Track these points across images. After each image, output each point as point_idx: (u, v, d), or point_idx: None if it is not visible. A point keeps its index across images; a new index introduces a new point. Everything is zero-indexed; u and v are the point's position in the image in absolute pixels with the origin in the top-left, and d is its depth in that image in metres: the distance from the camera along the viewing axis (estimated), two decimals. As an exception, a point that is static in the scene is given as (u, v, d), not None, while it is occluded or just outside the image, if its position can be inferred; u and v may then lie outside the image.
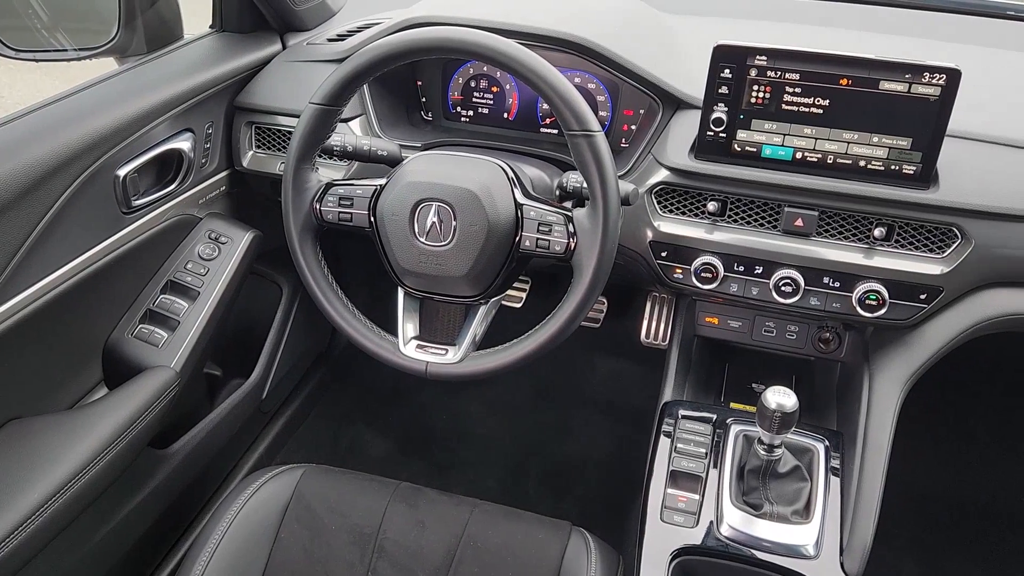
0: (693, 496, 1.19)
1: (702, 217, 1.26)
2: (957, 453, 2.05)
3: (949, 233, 1.17)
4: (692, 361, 1.49)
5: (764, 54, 1.15)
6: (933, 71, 1.09)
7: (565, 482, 2.00)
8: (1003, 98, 1.32)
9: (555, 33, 1.28)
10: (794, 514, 1.15)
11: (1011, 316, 1.19)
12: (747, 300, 1.26)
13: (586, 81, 1.42)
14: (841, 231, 1.21)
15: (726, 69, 1.17)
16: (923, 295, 1.18)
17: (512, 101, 1.49)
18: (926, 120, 1.12)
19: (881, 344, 1.28)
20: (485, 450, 2.08)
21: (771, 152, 1.20)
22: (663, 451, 1.25)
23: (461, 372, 1.14)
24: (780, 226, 1.22)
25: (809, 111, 1.16)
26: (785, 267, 1.22)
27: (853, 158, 1.17)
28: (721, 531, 1.14)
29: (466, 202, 1.09)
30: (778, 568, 1.12)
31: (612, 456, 2.06)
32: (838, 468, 1.22)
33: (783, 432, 1.10)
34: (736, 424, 1.26)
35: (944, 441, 2.05)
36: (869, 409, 1.24)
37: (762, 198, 1.22)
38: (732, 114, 1.19)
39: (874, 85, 1.12)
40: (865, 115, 1.14)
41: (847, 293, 1.21)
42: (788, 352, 1.45)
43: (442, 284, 1.15)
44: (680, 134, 1.27)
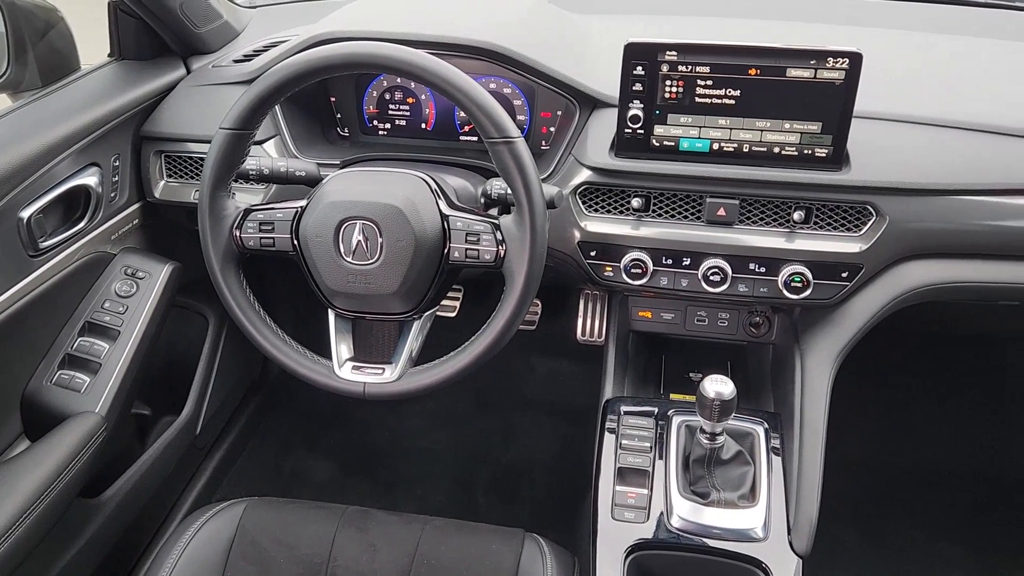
0: (642, 491, 1.19)
1: (627, 214, 1.27)
2: (890, 422, 2.12)
3: (864, 211, 1.21)
4: (629, 356, 1.50)
5: (674, 49, 1.17)
6: (836, 56, 1.13)
7: (514, 488, 2.00)
8: (906, 77, 1.37)
9: (466, 41, 1.27)
10: (741, 499, 1.17)
11: (929, 287, 1.24)
12: (678, 292, 1.28)
13: (501, 87, 1.42)
14: (762, 217, 1.23)
15: (638, 66, 1.18)
16: (845, 273, 1.21)
17: (429, 111, 1.47)
18: (833, 104, 1.15)
19: (809, 324, 1.31)
20: (431, 464, 2.06)
21: (689, 145, 1.22)
22: (609, 449, 1.26)
23: (400, 390, 1.12)
24: (704, 217, 1.24)
25: (722, 102, 1.18)
26: (712, 257, 1.24)
27: (768, 145, 1.20)
28: (672, 523, 1.15)
29: (391, 218, 1.08)
30: (730, 554, 1.13)
31: (558, 457, 2.07)
32: (779, 448, 1.25)
33: (723, 419, 1.11)
34: (677, 415, 1.28)
35: (877, 411, 2.12)
36: (803, 388, 1.27)
37: (684, 191, 1.24)
38: (648, 110, 1.21)
39: (781, 73, 1.15)
40: (775, 103, 1.17)
41: (773, 277, 1.23)
42: (721, 339, 1.47)
43: (373, 302, 1.13)
44: (599, 133, 1.28)
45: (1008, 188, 1.19)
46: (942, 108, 1.27)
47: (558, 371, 2.24)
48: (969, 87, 1.35)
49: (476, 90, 1.04)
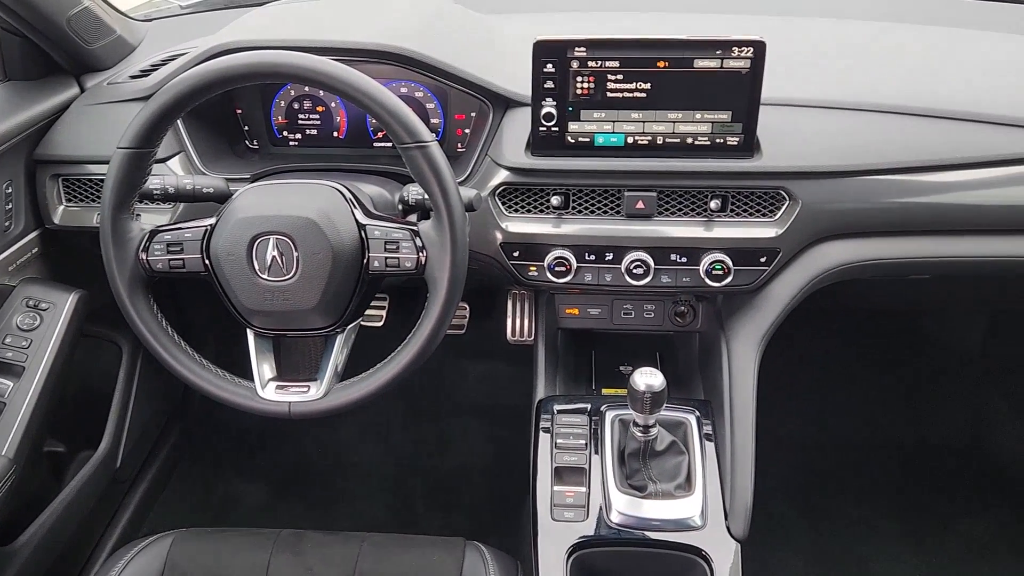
0: (580, 489, 1.19)
1: (547, 212, 1.26)
2: (817, 399, 2.18)
3: (778, 196, 1.23)
4: (559, 354, 1.50)
5: (583, 45, 1.16)
6: (741, 45, 1.14)
7: (453, 495, 1.98)
8: (813, 63, 1.40)
9: (372, 45, 1.25)
10: (677, 488, 1.18)
11: (844, 266, 1.27)
12: (603, 287, 1.28)
13: (413, 90, 1.40)
14: (680, 208, 1.24)
15: (548, 64, 1.18)
16: (763, 258, 1.24)
17: (340, 119, 1.44)
18: (741, 92, 1.17)
19: (733, 310, 1.33)
20: (366, 478, 2.02)
21: (604, 140, 1.22)
22: (544, 449, 1.25)
23: (327, 407, 1.09)
24: (623, 211, 1.24)
25: (633, 96, 1.19)
26: (634, 250, 1.24)
27: (681, 136, 1.21)
28: (611, 519, 1.15)
29: (306, 231, 1.05)
30: (670, 544, 1.14)
31: (496, 460, 2.06)
32: (711, 435, 1.26)
33: (655, 411, 1.12)
34: (610, 410, 1.28)
35: (804, 390, 2.18)
36: (731, 373, 1.29)
37: (602, 186, 1.24)
38: (561, 107, 1.20)
39: (689, 64, 1.16)
40: (686, 94, 1.18)
41: (694, 266, 1.24)
42: (649, 331, 1.48)
43: (293, 319, 1.09)
44: (514, 133, 1.27)
45: (912, 166, 1.23)
46: (847, 91, 1.30)
47: (490, 373, 2.23)
48: (873, 70, 1.39)
49: (385, 95, 1.01)
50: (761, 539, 1.81)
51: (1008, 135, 1.24)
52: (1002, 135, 1.24)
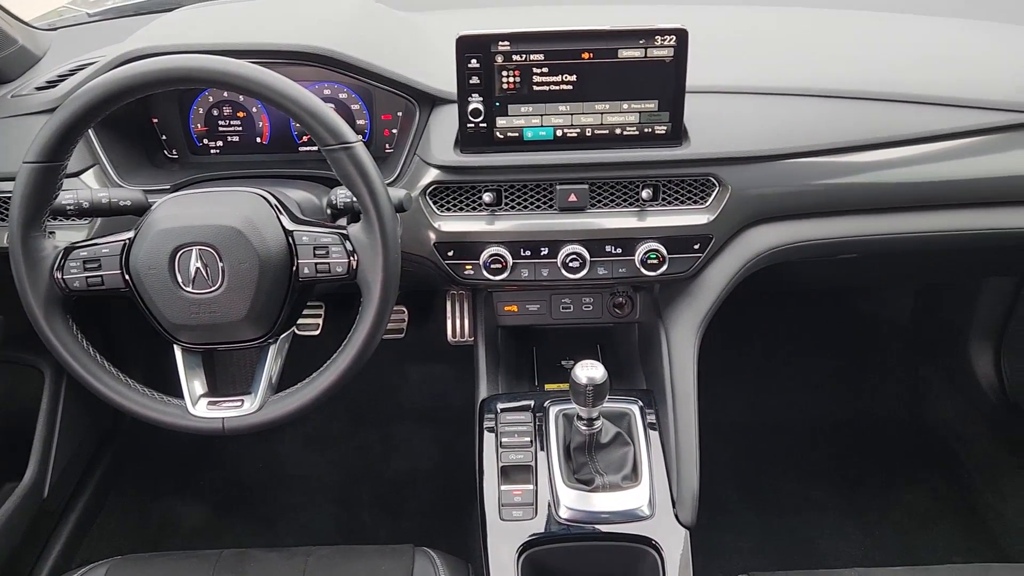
0: (527, 487, 1.18)
1: (480, 210, 1.25)
2: (757, 381, 2.22)
3: (708, 183, 1.24)
4: (500, 352, 1.48)
5: (506, 39, 1.15)
6: (664, 33, 1.14)
7: (400, 501, 1.95)
8: (736, 50, 1.42)
9: (290, 46, 1.21)
10: (624, 479, 1.17)
11: (775, 249, 1.28)
12: (540, 282, 1.27)
13: (336, 92, 1.37)
14: (613, 199, 1.24)
15: (472, 59, 1.16)
16: (696, 245, 1.24)
17: (263, 124, 1.40)
18: (666, 81, 1.17)
19: (670, 298, 1.33)
20: (311, 490, 1.98)
21: (533, 134, 1.21)
22: (489, 449, 1.24)
23: (262, 421, 1.05)
24: (556, 204, 1.24)
25: (560, 88, 1.18)
26: (569, 243, 1.24)
27: (609, 127, 1.21)
28: (560, 515, 1.14)
29: (230, 240, 1.01)
30: (619, 536, 1.14)
31: (442, 463, 2.04)
32: (655, 424, 1.26)
33: (598, 403, 1.11)
34: (554, 405, 1.27)
35: (743, 373, 2.21)
36: (671, 361, 1.29)
37: (534, 180, 1.23)
38: (488, 103, 1.19)
39: (613, 55, 1.16)
40: (612, 84, 1.18)
41: (629, 257, 1.24)
42: (588, 324, 1.48)
43: (222, 331, 1.06)
44: (442, 131, 1.25)
45: (836, 147, 1.25)
46: (772, 77, 1.32)
47: (433, 376, 2.20)
48: (795, 54, 1.42)
49: (305, 97, 0.98)
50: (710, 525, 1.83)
51: (925, 113, 1.27)
52: (921, 114, 1.28)
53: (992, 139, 1.28)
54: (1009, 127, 1.28)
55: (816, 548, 1.82)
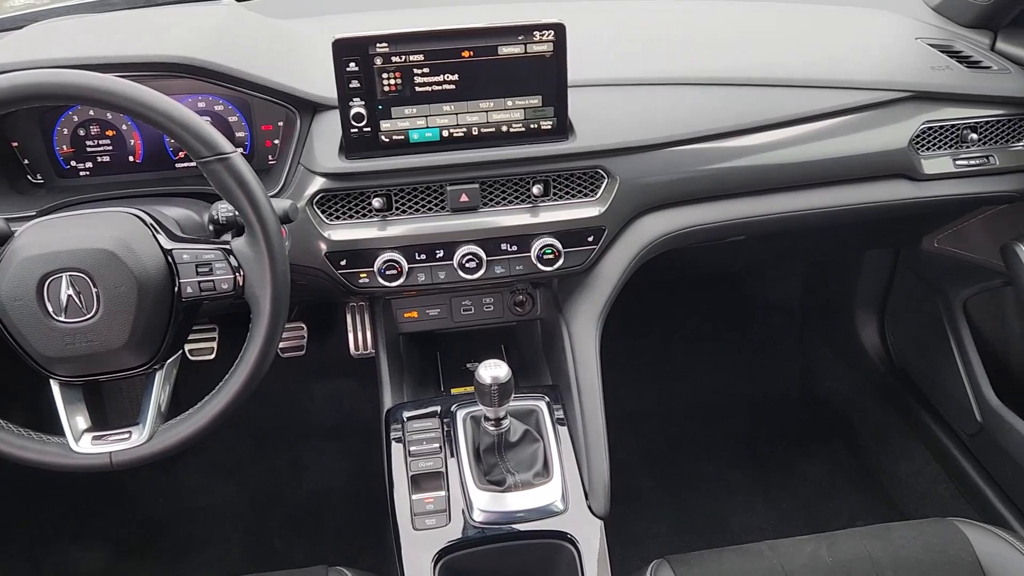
0: (439, 493, 1.16)
1: (371, 216, 1.22)
2: (661, 367, 2.26)
3: (596, 175, 1.25)
4: (403, 360, 1.46)
5: (384, 41, 1.13)
6: (542, 29, 1.15)
7: (314, 523, 1.90)
8: (617, 43, 1.44)
9: (158, 58, 1.16)
10: (536, 476, 1.17)
11: (667, 236, 1.31)
12: (438, 286, 1.26)
13: (211, 104, 1.32)
14: (504, 197, 1.24)
15: (351, 63, 1.14)
16: (590, 237, 1.25)
17: (135, 142, 1.33)
18: (548, 76, 1.18)
19: (568, 292, 1.34)
20: (219, 521, 1.90)
21: (419, 136, 1.20)
22: (398, 459, 1.21)
23: (153, 451, 1.00)
24: (448, 206, 1.22)
25: (443, 88, 1.17)
26: (464, 244, 1.23)
27: (495, 125, 1.20)
28: (475, 518, 1.13)
29: (103, 263, 0.95)
30: (535, 533, 1.13)
31: (355, 479, 1.99)
32: (563, 418, 1.27)
33: (504, 402, 1.10)
34: (461, 409, 1.26)
35: (647, 360, 2.25)
36: (574, 355, 1.30)
37: (423, 183, 1.22)
38: (370, 106, 1.17)
39: (494, 52, 1.15)
40: (494, 82, 1.18)
41: (526, 253, 1.24)
42: (490, 324, 1.47)
43: (102, 361, 1.00)
44: (325, 138, 1.22)
45: (717, 133, 1.29)
46: (654, 68, 1.35)
47: (338, 391, 2.16)
48: (676, 45, 1.45)
49: (175, 108, 0.94)
50: (625, 513, 1.86)
51: (799, 96, 1.33)
52: (795, 97, 1.33)
53: (860, 117, 1.35)
54: (875, 104, 1.35)
55: (728, 526, 1.87)
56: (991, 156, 1.40)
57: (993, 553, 1.11)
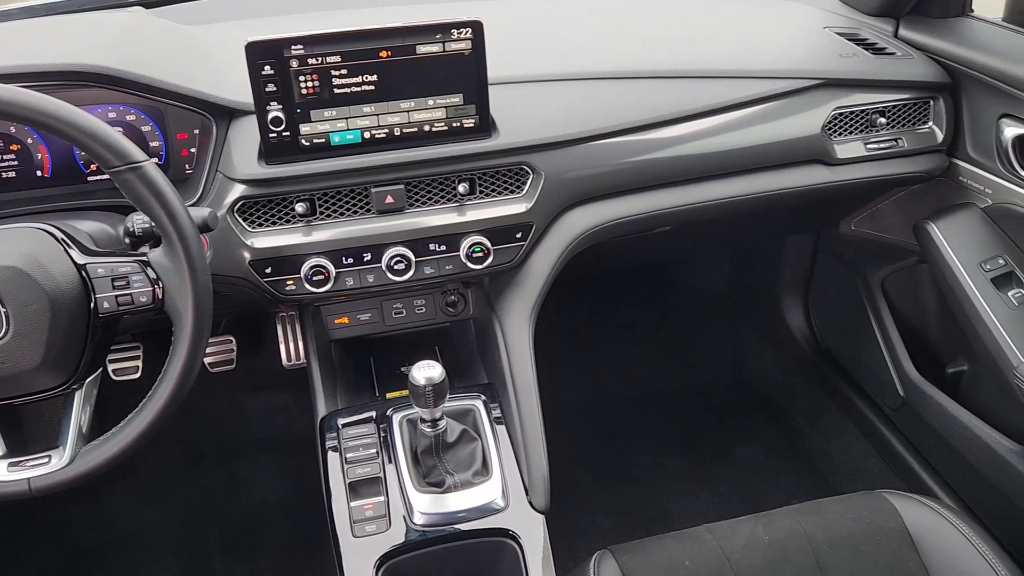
0: (378, 499, 1.14)
1: (295, 221, 1.20)
2: (596, 361, 2.28)
3: (521, 172, 1.25)
4: (336, 367, 1.43)
5: (299, 43, 1.11)
6: (459, 27, 1.15)
7: (254, 541, 1.85)
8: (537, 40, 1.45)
9: (63, 66, 1.11)
10: (476, 475, 1.16)
11: (594, 229, 1.32)
12: (367, 289, 1.24)
13: (123, 114, 1.27)
14: (430, 196, 1.23)
15: (266, 66, 1.11)
16: (518, 234, 1.25)
17: (42, 155, 1.28)
18: (468, 74, 1.18)
19: (500, 290, 1.34)
20: (152, 545, 1.84)
21: (340, 138, 1.18)
22: (335, 468, 1.19)
23: (75, 475, 0.96)
24: (373, 208, 1.21)
25: (362, 90, 1.16)
26: (392, 246, 1.21)
27: (417, 125, 1.20)
28: (415, 521, 1.12)
29: (11, 281, 0.91)
30: (478, 532, 1.12)
31: (293, 492, 1.96)
32: (500, 417, 1.26)
33: (440, 403, 1.10)
34: (396, 412, 1.24)
35: (582, 354, 2.27)
36: (508, 352, 1.30)
37: (347, 186, 1.20)
38: (289, 110, 1.14)
39: (412, 51, 1.15)
40: (414, 82, 1.17)
41: (455, 253, 1.24)
42: (423, 326, 1.46)
43: (16, 383, 0.95)
44: (243, 144, 1.19)
45: (639, 125, 1.31)
46: (574, 63, 1.36)
47: (273, 403, 2.11)
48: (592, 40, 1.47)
49: (82, 118, 0.91)
50: (568, 507, 1.87)
51: (718, 86, 1.36)
52: (715, 87, 1.36)
53: (775, 106, 1.39)
54: (788, 93, 1.39)
55: (669, 513, 1.90)
56: (900, 139, 1.46)
57: (920, 521, 1.16)
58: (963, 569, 1.10)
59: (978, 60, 1.40)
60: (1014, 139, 1.35)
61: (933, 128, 1.48)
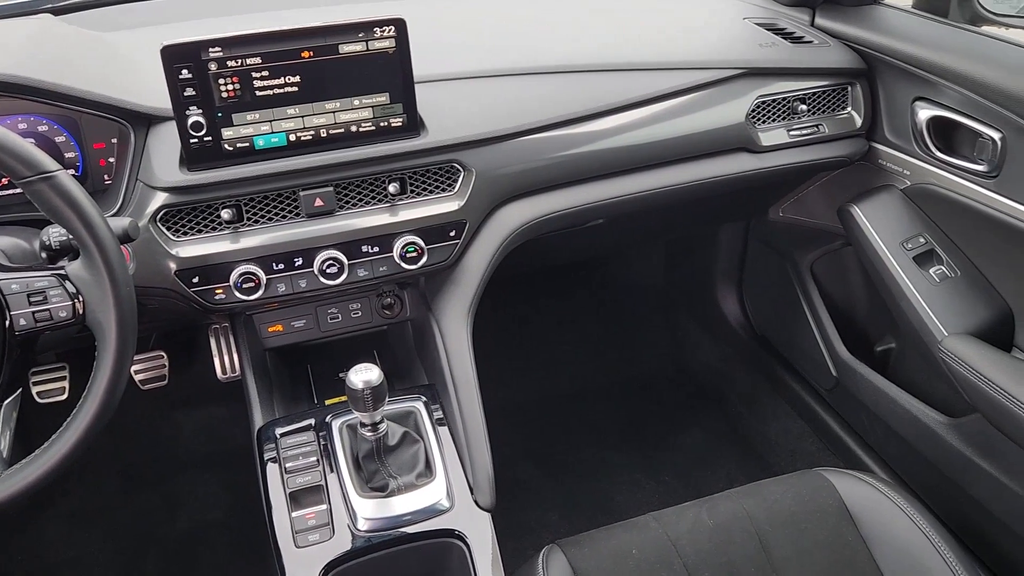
0: (320, 508, 1.12)
1: (222, 228, 1.17)
2: (537, 357, 2.28)
3: (452, 170, 1.24)
4: (272, 376, 1.40)
5: (217, 45, 1.09)
6: (382, 25, 1.13)
7: (194, 561, 1.80)
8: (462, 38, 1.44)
9: None
10: (419, 477, 1.15)
11: (528, 224, 1.32)
12: (300, 295, 1.21)
13: (34, 125, 1.22)
14: (361, 198, 1.21)
15: (183, 70, 1.08)
16: (452, 232, 1.24)
17: (-54, 171, 1.22)
18: (393, 72, 1.16)
19: (436, 290, 1.33)
20: (87, 572, 1.77)
21: (265, 142, 1.15)
22: (274, 479, 1.16)
23: None
24: (302, 211, 1.19)
25: (285, 91, 1.13)
26: (323, 249, 1.19)
27: (344, 125, 1.18)
28: (359, 528, 1.10)
29: None
30: (424, 534, 1.11)
31: (233, 508, 1.91)
32: (442, 418, 1.25)
33: (379, 406, 1.08)
34: (336, 419, 1.22)
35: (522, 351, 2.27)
36: (447, 351, 1.29)
37: (274, 190, 1.17)
38: (209, 114, 1.11)
39: (334, 51, 1.13)
40: (338, 81, 1.15)
41: (388, 254, 1.22)
42: (360, 331, 1.44)
43: None
44: (164, 150, 1.16)
45: (568, 119, 1.31)
46: (500, 60, 1.36)
47: (210, 418, 2.06)
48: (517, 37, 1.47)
49: None
50: (515, 505, 1.87)
51: (642, 79, 1.38)
52: (638, 79, 1.38)
53: (700, 96, 1.41)
54: (712, 83, 1.41)
55: (616, 505, 1.91)
56: (821, 125, 1.50)
57: (856, 496, 1.19)
58: (898, 539, 1.13)
59: (891, 46, 1.44)
60: (928, 121, 1.40)
61: (852, 113, 1.52)
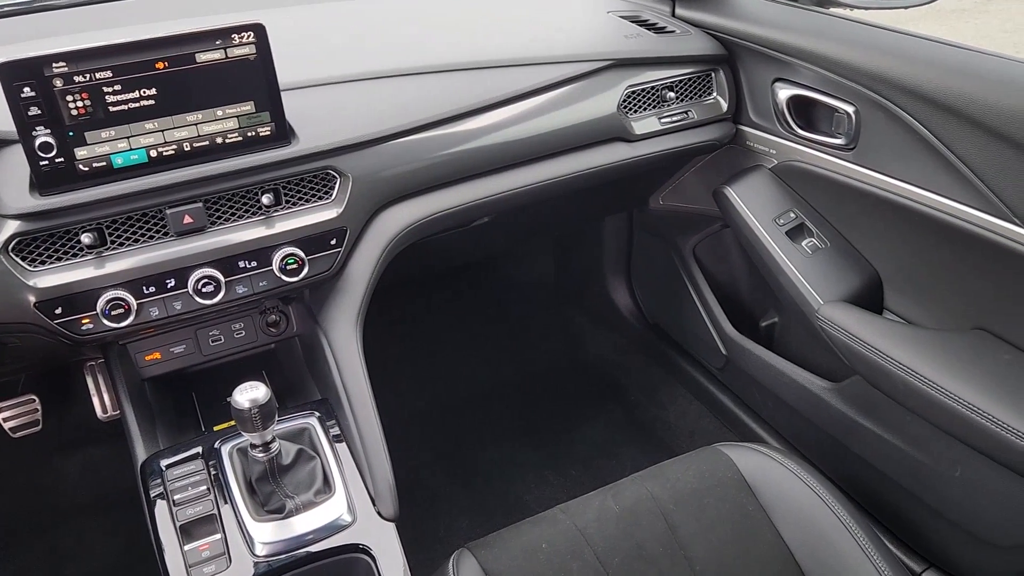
0: (214, 537, 1.06)
1: (83, 254, 1.10)
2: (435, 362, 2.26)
3: (327, 177, 1.21)
4: (154, 408, 1.33)
5: (61, 59, 1.02)
6: (239, 31, 1.09)
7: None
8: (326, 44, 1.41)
9: None
10: (318, 494, 1.11)
11: (411, 227, 1.30)
12: (177, 318, 1.16)
13: None
14: (233, 212, 1.17)
15: (25, 87, 1.01)
16: (333, 240, 1.21)
17: None
18: (256, 79, 1.12)
19: (321, 301, 1.29)
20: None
21: (123, 160, 1.09)
22: (163, 515, 1.10)
23: None
24: (171, 230, 1.13)
25: (140, 105, 1.07)
26: (197, 268, 1.14)
27: (209, 137, 1.13)
28: (258, 553, 1.05)
29: None
30: (328, 552, 1.07)
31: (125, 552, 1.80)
32: (339, 434, 1.21)
33: (268, 425, 1.04)
34: (225, 444, 1.17)
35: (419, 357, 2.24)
36: (338, 363, 1.25)
37: (138, 210, 1.11)
38: (59, 134, 1.04)
39: (191, 60, 1.08)
40: (198, 92, 1.10)
41: (267, 268, 1.18)
42: (246, 351, 1.39)
43: None
44: (11, 175, 1.08)
45: (443, 118, 1.30)
46: (367, 63, 1.34)
47: (93, 461, 1.94)
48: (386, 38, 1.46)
49: None
50: (423, 514, 1.84)
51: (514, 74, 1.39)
52: (510, 76, 1.39)
53: (571, 89, 1.43)
54: (582, 76, 1.43)
55: (526, 504, 1.91)
56: (690, 111, 1.54)
57: (753, 467, 1.22)
58: (795, 503, 1.17)
59: (748, 31, 1.50)
60: (787, 100, 1.46)
61: (717, 98, 1.57)
